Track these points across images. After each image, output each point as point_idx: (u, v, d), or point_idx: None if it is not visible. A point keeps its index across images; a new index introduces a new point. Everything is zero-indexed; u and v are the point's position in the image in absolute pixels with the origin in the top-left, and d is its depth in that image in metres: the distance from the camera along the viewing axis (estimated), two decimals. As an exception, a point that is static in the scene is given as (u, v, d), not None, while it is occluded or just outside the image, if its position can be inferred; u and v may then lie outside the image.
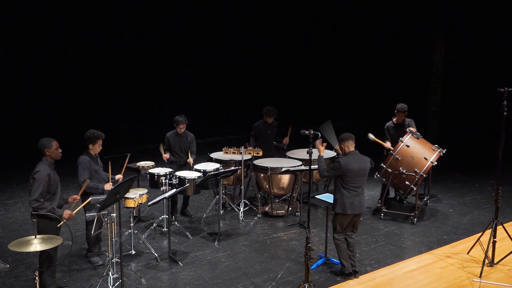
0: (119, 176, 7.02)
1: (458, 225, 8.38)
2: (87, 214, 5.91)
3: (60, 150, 5.84)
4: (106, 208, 5.66)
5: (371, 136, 8.64)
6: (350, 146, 6.34)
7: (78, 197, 6.21)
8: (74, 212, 5.83)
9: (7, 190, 9.98)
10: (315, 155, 6.41)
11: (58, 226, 5.67)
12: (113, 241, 6.31)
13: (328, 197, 6.79)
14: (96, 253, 6.92)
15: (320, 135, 5.70)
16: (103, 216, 5.93)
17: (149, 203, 6.89)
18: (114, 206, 6.20)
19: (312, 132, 5.72)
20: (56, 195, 5.77)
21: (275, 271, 6.70)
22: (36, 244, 4.99)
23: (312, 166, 8.37)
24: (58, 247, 7.24)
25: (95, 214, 5.77)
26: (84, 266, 6.84)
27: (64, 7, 12.15)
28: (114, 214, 6.21)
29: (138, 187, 8.55)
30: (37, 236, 5.03)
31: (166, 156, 8.41)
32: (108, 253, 6.15)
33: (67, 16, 12.28)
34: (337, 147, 6.77)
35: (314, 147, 6.28)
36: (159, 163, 8.43)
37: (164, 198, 6.73)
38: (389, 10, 15.33)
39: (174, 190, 7.03)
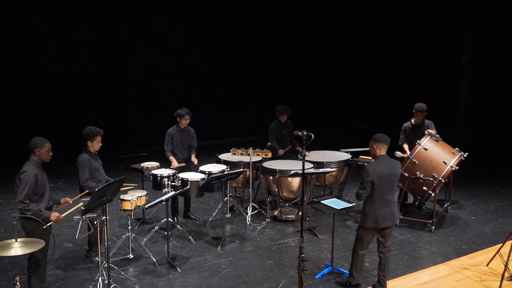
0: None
1: (479, 234, 7.84)
2: (74, 217, 5.64)
3: (51, 153, 5.59)
4: (91, 211, 5.37)
5: (398, 153, 8.16)
6: (382, 149, 5.78)
7: (71, 201, 5.97)
8: (63, 215, 5.57)
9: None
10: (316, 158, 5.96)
11: (43, 228, 5.42)
12: (105, 245, 6.03)
13: (334, 203, 6.37)
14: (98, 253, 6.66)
15: (313, 137, 5.28)
16: (93, 219, 5.64)
17: (146, 206, 6.61)
18: (107, 208, 5.93)
19: (305, 133, 5.30)
20: (44, 196, 5.52)
21: (277, 280, 6.32)
22: (17, 248, 4.74)
23: (318, 170, 8.08)
24: (58, 249, 7.14)
25: (79, 217, 5.49)
26: (79, 269, 6.59)
27: (65, 7, 12.11)
28: (107, 217, 5.94)
29: (143, 188, 8.32)
30: (18, 240, 4.79)
31: (175, 164, 8.07)
32: (99, 258, 5.86)
33: (71, 15, 12.26)
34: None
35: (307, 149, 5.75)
36: (164, 164, 8.13)
37: (162, 201, 6.42)
38: (416, 8, 14.76)
39: (172, 192, 6.72)
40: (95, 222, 5.65)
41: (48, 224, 5.45)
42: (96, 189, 5.11)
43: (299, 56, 15.38)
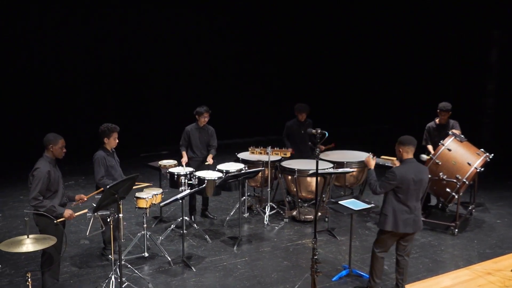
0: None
1: (504, 238, 7.58)
2: (87, 214, 5.61)
3: (64, 150, 5.57)
4: (103, 208, 5.32)
5: (424, 156, 7.94)
6: (409, 152, 5.56)
7: (85, 198, 5.94)
8: (76, 214, 5.54)
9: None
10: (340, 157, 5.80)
11: (54, 222, 5.40)
12: (118, 243, 5.98)
13: (353, 204, 6.21)
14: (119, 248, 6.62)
15: (327, 134, 5.12)
16: (106, 216, 5.60)
17: (161, 204, 6.55)
18: (121, 205, 5.89)
19: (319, 131, 5.15)
20: (58, 193, 5.50)
21: (292, 282, 6.18)
22: (28, 245, 4.73)
23: (337, 170, 7.91)
24: (74, 246, 7.13)
25: (91, 214, 5.45)
26: (94, 267, 6.57)
27: (69, 6, 12.14)
28: (121, 215, 5.90)
29: (160, 186, 8.28)
30: (30, 236, 4.77)
31: (185, 159, 8.01)
32: (111, 256, 5.81)
33: (92, 11, 12.32)
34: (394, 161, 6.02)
35: (319, 148, 5.59)
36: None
37: (176, 199, 6.35)
38: (443, 5, 14.43)
39: (188, 191, 6.64)
40: (108, 220, 5.59)
41: (59, 220, 5.43)
42: (108, 186, 5.05)
43: (322, 55, 15.19)
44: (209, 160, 7.97)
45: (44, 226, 5.41)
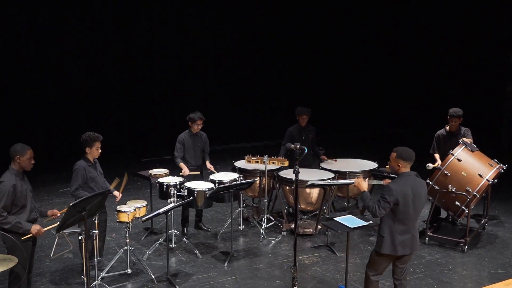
0: (116, 193, 6.36)
1: (518, 257, 7.00)
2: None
3: (32, 161, 5.18)
4: (67, 228, 4.89)
5: (430, 165, 7.40)
6: (407, 166, 5.05)
7: (59, 213, 5.54)
8: (44, 229, 5.14)
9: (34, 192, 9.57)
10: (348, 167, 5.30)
11: (22, 239, 5.01)
12: (95, 260, 5.60)
13: (349, 220, 5.70)
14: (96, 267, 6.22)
15: (306, 150, 4.64)
16: (78, 233, 5.19)
17: (143, 219, 6.11)
18: (96, 222, 5.49)
19: (298, 146, 4.67)
20: (26, 208, 5.10)
21: (283, 305, 5.71)
22: (-16, 267, 4.36)
23: (336, 181, 7.40)
24: (57, 260, 6.74)
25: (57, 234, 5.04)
26: (73, 284, 6.16)
27: (94, 7, 11.88)
28: (96, 231, 5.51)
29: (150, 197, 7.88)
30: (-13, 257, 4.40)
31: (186, 171, 7.58)
32: (83, 276, 5.38)
33: (97, 17, 12.03)
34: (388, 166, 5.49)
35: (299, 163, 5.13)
36: (175, 171, 7.63)
37: (158, 213, 5.91)
38: (459, 6, 13.80)
39: (172, 204, 6.19)
40: (80, 238, 5.18)
41: (26, 237, 5.04)
42: (71, 204, 4.63)
43: (329, 56, 14.59)
44: (210, 167, 7.66)
45: (11, 244, 5.03)
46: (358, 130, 15.19)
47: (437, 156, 7.70)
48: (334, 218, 5.75)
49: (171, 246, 7.13)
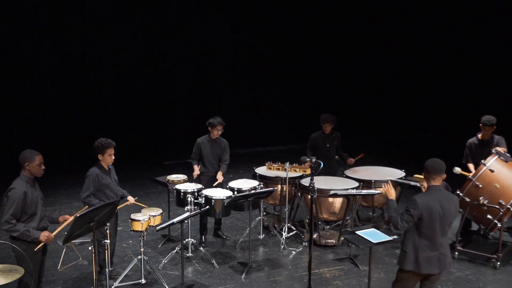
0: (130, 198, 6.18)
1: (555, 275, 6.56)
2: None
3: (43, 167, 5.02)
4: (75, 238, 4.72)
5: (457, 169, 7.01)
6: (436, 179, 4.75)
7: (71, 218, 5.38)
8: (54, 233, 4.98)
9: (54, 195, 9.54)
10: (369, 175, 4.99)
11: (35, 250, 4.86)
12: (107, 271, 5.42)
13: (372, 234, 5.38)
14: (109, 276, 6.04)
15: (322, 165, 4.35)
16: (86, 244, 5.02)
17: (157, 228, 5.91)
18: (108, 231, 5.31)
19: (314, 160, 4.37)
20: (36, 216, 4.95)
21: (300, 323, 5.44)
22: (-9, 278, 4.21)
23: (360, 191, 7.06)
24: (72, 267, 6.61)
25: (65, 244, 4.88)
26: (86, 293, 6.03)
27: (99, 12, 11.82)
28: (108, 241, 5.33)
29: (168, 203, 7.69)
30: (-7, 269, 4.25)
31: (196, 172, 7.39)
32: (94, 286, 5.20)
33: (117, 17, 11.98)
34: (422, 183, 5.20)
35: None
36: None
37: (173, 223, 5.70)
38: (493, 4, 13.27)
39: (187, 213, 5.96)
40: (90, 248, 5.00)
41: (38, 246, 4.90)
42: (78, 215, 4.45)
43: (362, 58, 14.28)
44: (219, 178, 7.30)
45: (20, 253, 4.88)
46: (384, 133, 14.81)
47: (471, 166, 7.29)
48: (356, 232, 5.44)
49: (188, 255, 6.93)
